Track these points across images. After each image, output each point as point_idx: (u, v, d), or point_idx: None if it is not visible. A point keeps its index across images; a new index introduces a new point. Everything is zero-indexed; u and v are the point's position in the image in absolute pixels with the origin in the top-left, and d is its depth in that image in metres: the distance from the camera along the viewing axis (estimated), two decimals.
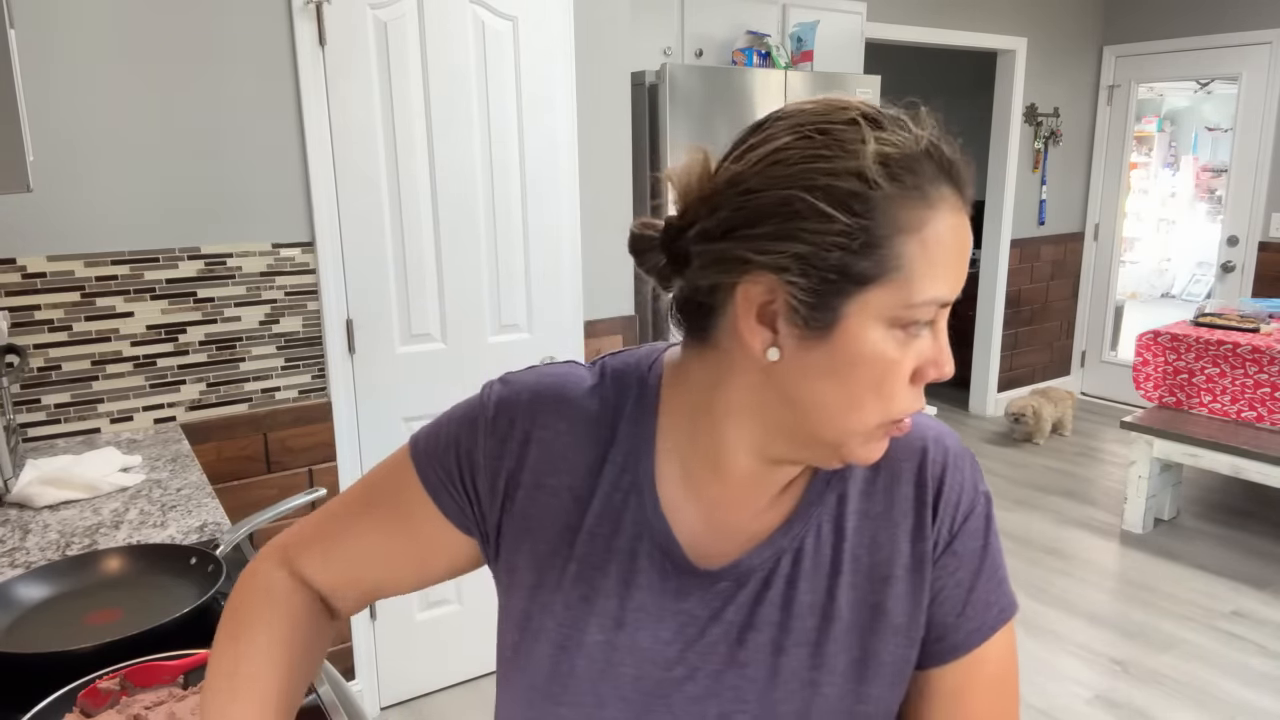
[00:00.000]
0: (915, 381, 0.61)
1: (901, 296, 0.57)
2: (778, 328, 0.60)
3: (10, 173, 1.26)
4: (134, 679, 0.92)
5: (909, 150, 0.57)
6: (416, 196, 2.38)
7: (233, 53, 2.08)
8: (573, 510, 0.69)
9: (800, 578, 0.68)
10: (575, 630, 0.68)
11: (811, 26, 3.44)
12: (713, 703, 0.66)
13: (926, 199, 0.57)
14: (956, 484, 0.70)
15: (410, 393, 2.46)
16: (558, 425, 0.70)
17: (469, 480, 0.71)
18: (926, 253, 0.57)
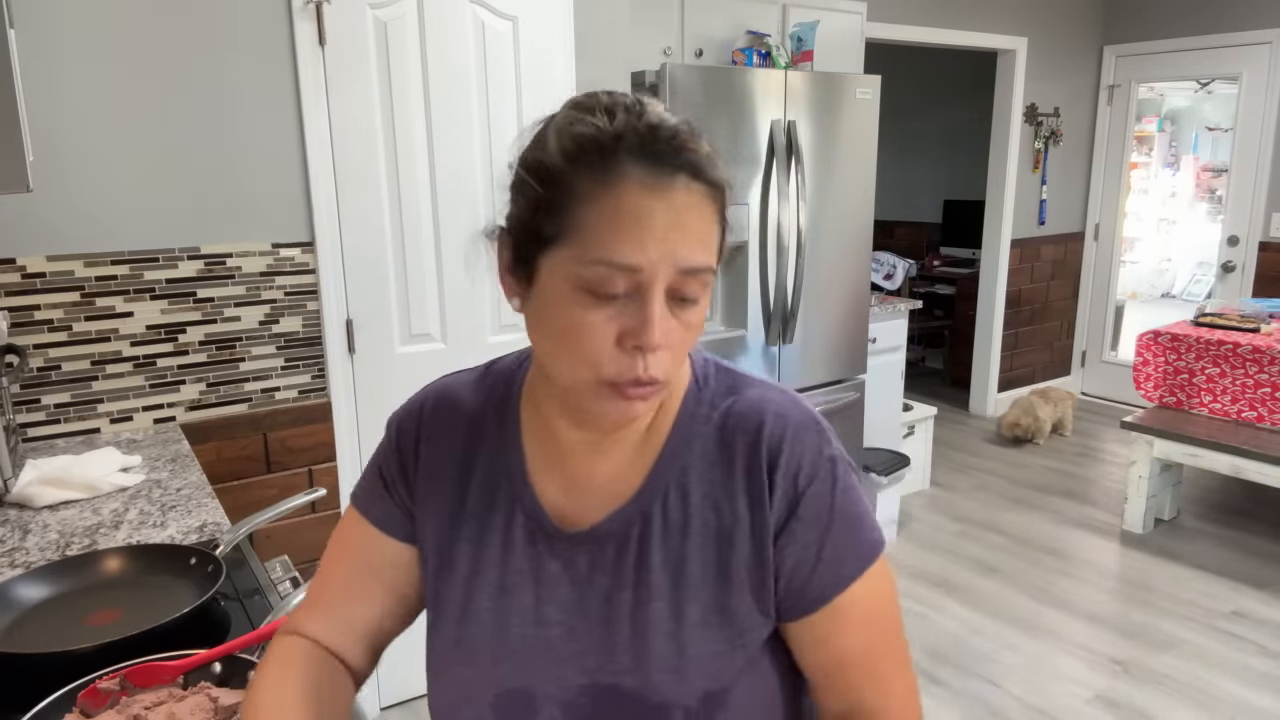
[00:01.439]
0: (621, 346, 0.66)
1: (577, 256, 0.65)
2: (512, 282, 0.71)
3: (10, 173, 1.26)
4: (134, 679, 0.92)
5: (595, 131, 0.66)
6: (416, 196, 2.38)
7: (233, 52, 2.08)
8: (456, 497, 0.79)
9: (651, 539, 0.74)
10: (469, 600, 0.77)
11: (811, 26, 3.43)
12: (591, 656, 0.74)
13: (606, 172, 0.64)
14: (795, 456, 0.74)
15: (410, 393, 2.46)
16: (439, 425, 0.82)
17: (396, 492, 0.82)
18: (603, 219, 0.64)
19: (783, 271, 3.05)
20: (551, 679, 0.74)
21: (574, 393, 0.70)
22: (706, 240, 0.67)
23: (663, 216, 0.64)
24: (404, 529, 0.82)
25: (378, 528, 0.82)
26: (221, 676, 0.94)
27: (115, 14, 1.94)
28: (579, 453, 0.76)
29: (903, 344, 4.05)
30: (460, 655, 0.77)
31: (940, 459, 4.60)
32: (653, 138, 0.66)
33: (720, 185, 0.68)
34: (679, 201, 0.65)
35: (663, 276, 0.65)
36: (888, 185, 6.75)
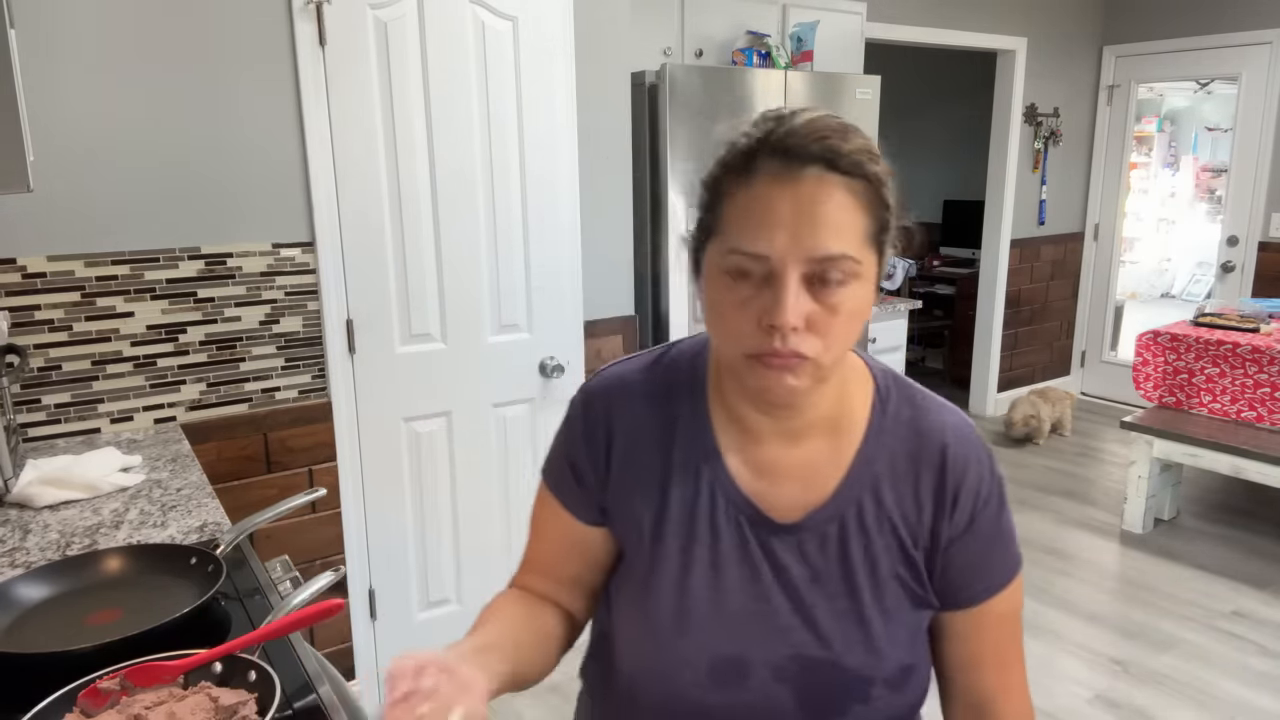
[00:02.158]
0: (760, 325, 0.73)
1: (721, 245, 0.75)
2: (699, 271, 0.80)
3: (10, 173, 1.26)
4: (134, 679, 0.92)
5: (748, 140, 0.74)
6: (416, 196, 2.38)
7: (233, 52, 2.08)
8: (659, 480, 0.86)
9: (849, 538, 0.83)
10: (684, 576, 0.84)
11: (811, 26, 3.44)
12: (796, 632, 0.83)
13: (747, 172, 0.73)
14: (975, 476, 0.84)
15: (410, 393, 2.47)
16: (629, 413, 0.88)
17: (585, 482, 0.89)
18: (738, 211, 0.73)
19: None
20: (763, 647, 0.83)
21: (731, 369, 0.80)
22: (842, 228, 0.72)
23: (790, 206, 0.71)
24: (594, 515, 0.90)
25: (570, 513, 0.91)
26: (222, 676, 0.94)
27: (116, 14, 1.94)
28: (769, 439, 0.84)
29: (903, 344, 4.06)
30: (679, 626, 0.84)
31: None
32: (790, 135, 0.72)
33: (864, 176, 0.73)
34: (807, 192, 0.71)
35: (794, 262, 0.71)
36: None
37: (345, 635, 2.49)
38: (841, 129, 0.74)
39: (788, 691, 0.83)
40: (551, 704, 2.62)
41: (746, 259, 0.72)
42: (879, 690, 0.83)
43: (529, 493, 2.75)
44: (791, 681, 0.83)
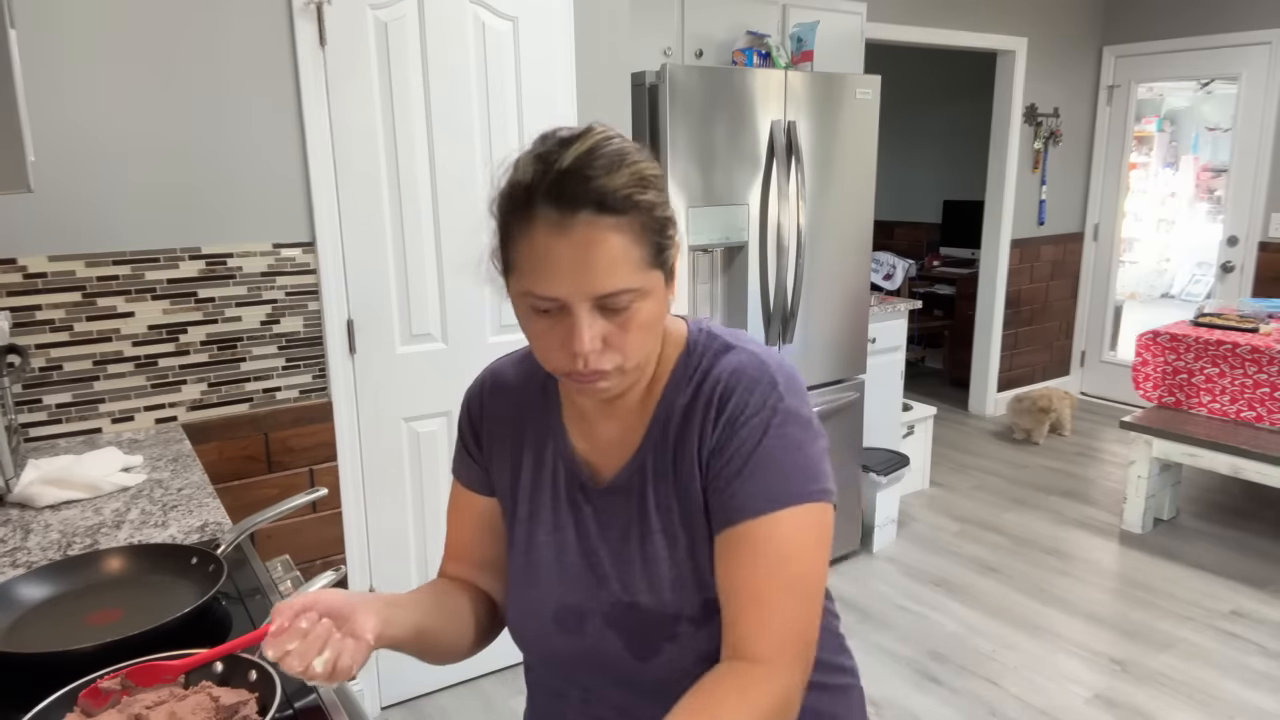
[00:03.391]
0: (565, 350, 0.81)
1: (519, 285, 0.81)
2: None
3: (11, 173, 1.26)
4: (135, 679, 0.92)
5: (516, 179, 0.81)
6: (416, 196, 2.38)
7: (233, 53, 2.08)
8: (515, 454, 0.98)
9: (648, 487, 0.90)
10: (531, 536, 0.96)
11: (811, 26, 3.44)
12: (617, 580, 0.91)
13: (523, 217, 0.79)
14: (741, 403, 0.85)
15: (410, 393, 2.47)
16: (496, 398, 1.01)
17: (475, 456, 1.01)
18: (525, 257, 0.79)
19: (782, 271, 3.05)
20: (594, 597, 0.91)
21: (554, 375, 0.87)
22: (618, 265, 0.77)
23: (568, 253, 0.76)
24: (486, 485, 1.01)
25: (467, 488, 1.02)
26: (223, 676, 0.94)
27: (116, 14, 1.94)
28: (593, 416, 0.94)
29: (902, 344, 4.06)
30: (528, 579, 0.95)
31: (940, 459, 4.60)
32: (560, 182, 0.77)
33: (635, 208, 0.77)
34: (580, 238, 0.76)
35: (580, 299, 0.78)
36: (888, 185, 6.75)
37: None
38: (610, 162, 0.77)
39: (615, 635, 0.90)
40: None
41: (541, 300, 0.79)
42: (684, 627, 0.87)
43: None
44: (616, 626, 0.90)
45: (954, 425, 5.21)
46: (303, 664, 0.74)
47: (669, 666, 0.88)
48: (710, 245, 2.92)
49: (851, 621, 3.07)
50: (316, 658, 0.74)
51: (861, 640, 2.95)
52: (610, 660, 0.91)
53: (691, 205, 2.82)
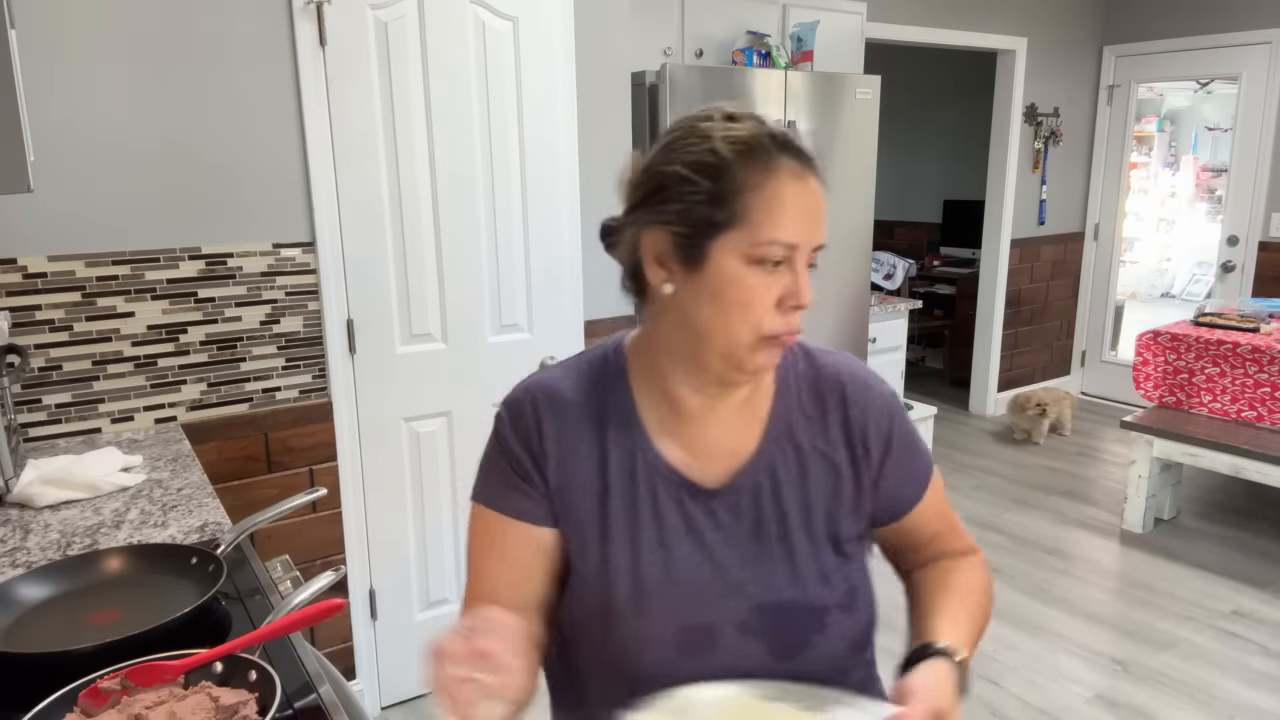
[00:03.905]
0: (781, 308, 0.82)
1: (749, 237, 0.79)
2: (669, 268, 0.84)
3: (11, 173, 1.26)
4: (135, 679, 0.92)
5: (751, 133, 0.81)
6: (416, 196, 2.38)
7: (233, 53, 2.08)
8: (597, 474, 0.90)
9: (780, 485, 0.91)
10: (635, 560, 0.89)
11: (811, 26, 3.44)
12: (751, 584, 0.89)
13: (765, 165, 0.80)
14: (877, 405, 0.96)
15: (410, 393, 2.47)
16: (557, 415, 0.92)
17: (533, 483, 0.91)
18: (766, 204, 0.79)
19: None
20: (724, 608, 0.88)
21: (728, 354, 0.84)
22: (825, 222, 0.84)
23: (807, 201, 0.81)
24: (547, 516, 0.91)
25: (520, 520, 0.91)
26: (222, 676, 0.94)
27: (116, 14, 1.94)
28: (697, 418, 0.91)
29: (903, 344, 4.06)
30: (637, 608, 0.88)
31: (940, 458, 4.60)
32: (789, 138, 0.82)
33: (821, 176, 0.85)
34: (814, 189, 0.82)
35: (805, 250, 0.82)
36: (888, 185, 6.75)
37: (345, 635, 2.49)
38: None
39: (754, 642, 0.88)
40: None
41: (779, 248, 0.79)
42: (833, 616, 0.90)
43: None
44: (756, 632, 0.88)
45: (954, 425, 5.21)
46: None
47: (816, 658, 0.89)
48: None
49: None
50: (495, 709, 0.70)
51: None
52: (748, 668, 0.88)
53: None
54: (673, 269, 0.83)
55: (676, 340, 0.87)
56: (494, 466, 0.93)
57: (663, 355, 0.90)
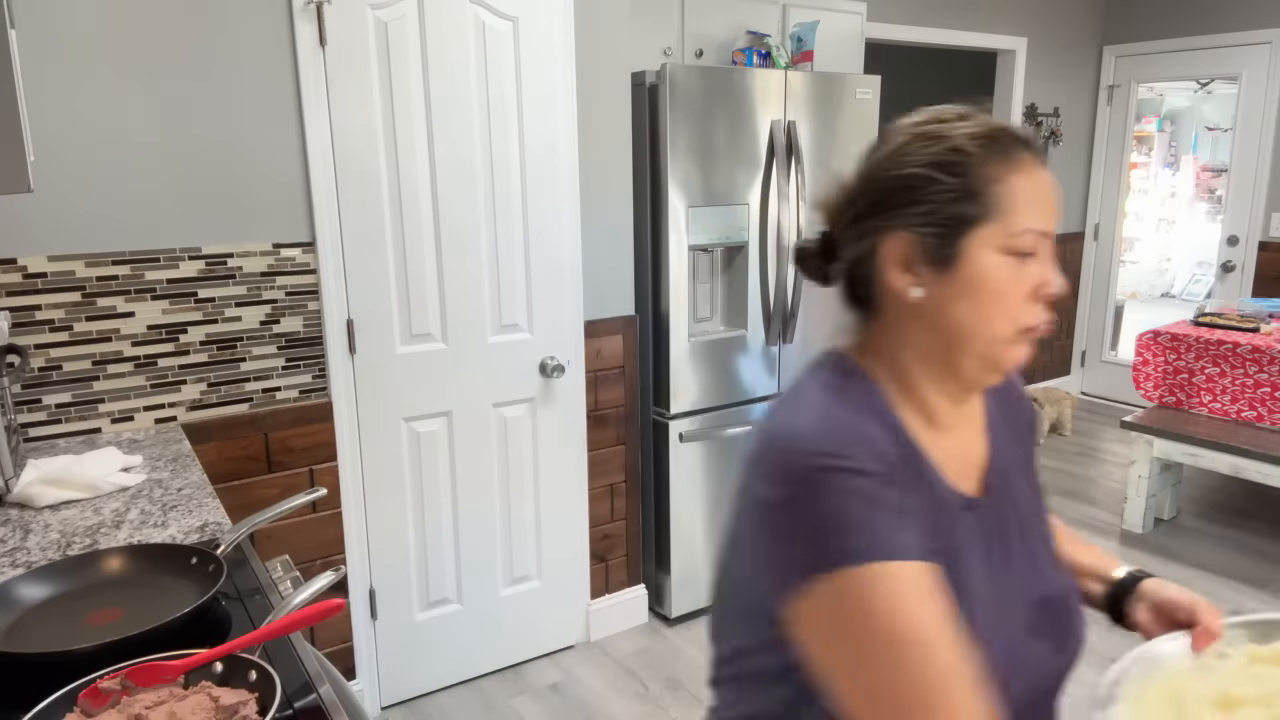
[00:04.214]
0: (1034, 299, 0.81)
1: (1004, 228, 0.79)
2: (916, 272, 0.82)
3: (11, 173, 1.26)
4: (135, 679, 0.92)
5: (990, 128, 0.81)
6: (416, 196, 2.38)
7: (233, 53, 2.08)
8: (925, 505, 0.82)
9: (1010, 482, 0.92)
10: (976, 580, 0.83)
11: (811, 26, 3.44)
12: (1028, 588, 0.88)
13: (1007, 157, 0.80)
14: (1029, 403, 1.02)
15: (410, 393, 2.47)
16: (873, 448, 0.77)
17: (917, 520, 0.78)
18: (1016, 195, 0.79)
19: (782, 272, 3.05)
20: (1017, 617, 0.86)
21: (987, 352, 0.82)
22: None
23: (1048, 189, 0.82)
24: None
25: (928, 560, 0.75)
26: (223, 676, 0.94)
27: (116, 14, 1.94)
28: (955, 427, 0.89)
29: None
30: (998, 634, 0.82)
31: None
32: (1023, 130, 0.83)
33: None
34: (1050, 178, 0.83)
35: (1051, 237, 0.82)
36: None
37: (346, 635, 2.49)
38: None
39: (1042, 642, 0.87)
40: (552, 704, 2.63)
41: (1032, 237, 0.80)
42: (1077, 597, 0.95)
43: (529, 493, 2.76)
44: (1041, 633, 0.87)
45: None
46: None
47: (1079, 646, 0.91)
48: (710, 245, 2.92)
49: None
50: None
51: None
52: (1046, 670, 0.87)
53: (691, 205, 2.82)
54: (920, 272, 0.82)
55: (927, 347, 0.84)
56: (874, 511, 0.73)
57: (914, 366, 0.85)
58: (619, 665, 2.83)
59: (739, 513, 0.82)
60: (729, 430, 3.04)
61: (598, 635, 2.98)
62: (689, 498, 3.01)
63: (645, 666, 2.82)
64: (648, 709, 2.60)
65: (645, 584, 3.12)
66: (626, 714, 2.57)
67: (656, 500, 3.03)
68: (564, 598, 2.89)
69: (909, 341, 0.85)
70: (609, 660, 2.86)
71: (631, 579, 3.05)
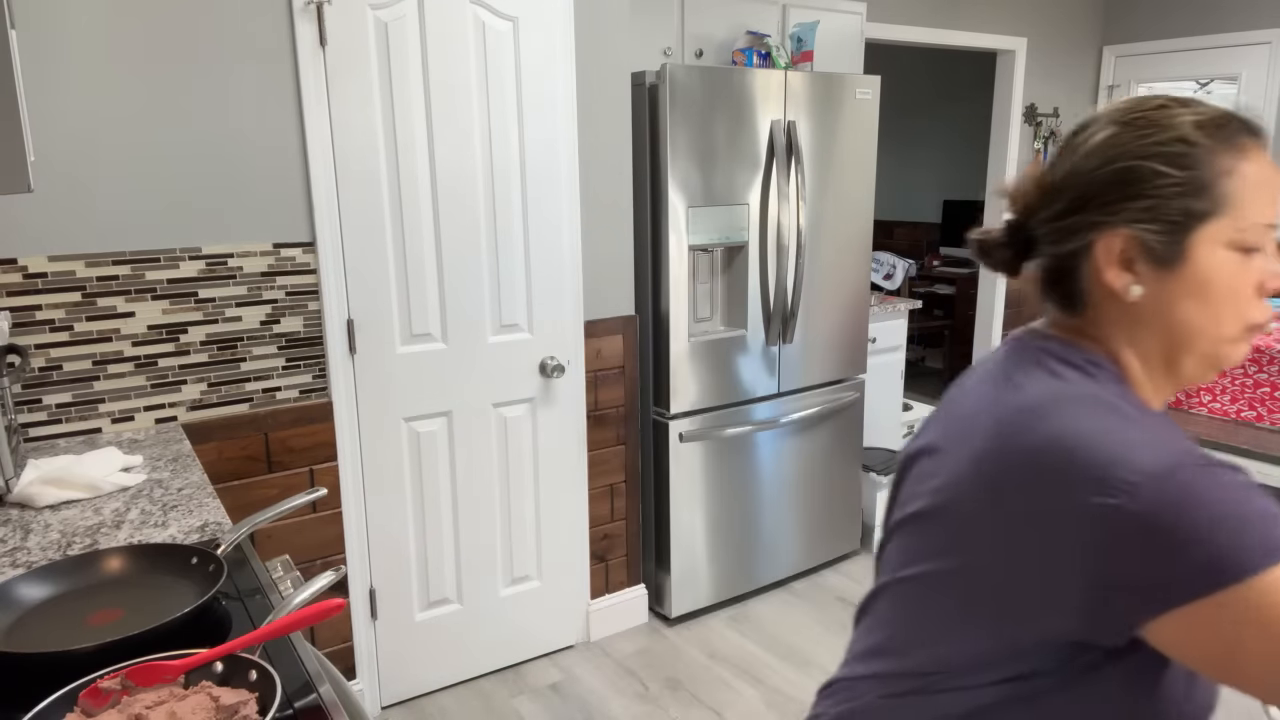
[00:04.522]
0: (1260, 294, 0.77)
1: (1232, 223, 0.75)
2: (1136, 270, 0.77)
3: (11, 173, 1.26)
4: (135, 678, 0.92)
5: (1214, 115, 0.77)
6: (416, 196, 2.38)
7: (233, 53, 2.08)
8: None
9: None
10: None
11: (811, 26, 3.44)
12: None
13: (1236, 146, 0.76)
14: None
15: (410, 393, 2.47)
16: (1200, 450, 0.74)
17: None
18: (1245, 187, 0.75)
19: (782, 271, 3.05)
20: None
21: (1212, 352, 0.79)
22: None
23: (1277, 178, 0.78)
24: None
25: None
26: (223, 676, 0.94)
27: (116, 14, 1.94)
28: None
29: (902, 344, 4.06)
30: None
31: None
32: (1247, 115, 0.79)
33: None
34: (1275, 165, 0.78)
35: (1275, 229, 0.77)
36: (888, 185, 6.75)
37: (346, 635, 2.49)
38: None
39: None
40: (552, 704, 2.63)
41: (1261, 230, 0.76)
42: None
43: (529, 493, 2.76)
44: None
45: None
46: None
47: None
48: (710, 245, 2.92)
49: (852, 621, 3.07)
50: None
51: None
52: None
53: (691, 205, 2.82)
54: (1140, 271, 0.77)
55: (1147, 346, 0.80)
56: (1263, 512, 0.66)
57: (1134, 364, 0.81)
58: (619, 665, 2.83)
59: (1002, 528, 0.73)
60: (729, 430, 3.04)
61: (598, 635, 2.98)
62: (689, 498, 3.01)
63: (645, 666, 2.82)
64: (647, 709, 2.60)
65: (645, 584, 3.12)
66: (626, 714, 2.58)
67: (656, 500, 3.04)
68: (564, 597, 2.89)
69: (1129, 339, 0.80)
70: (609, 660, 2.86)
71: (631, 579, 3.05)
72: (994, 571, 0.74)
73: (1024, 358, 0.82)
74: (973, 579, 0.76)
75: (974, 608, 0.77)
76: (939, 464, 0.83)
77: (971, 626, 0.77)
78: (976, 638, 0.77)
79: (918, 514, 0.83)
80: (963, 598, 0.77)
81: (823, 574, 3.45)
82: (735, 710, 2.59)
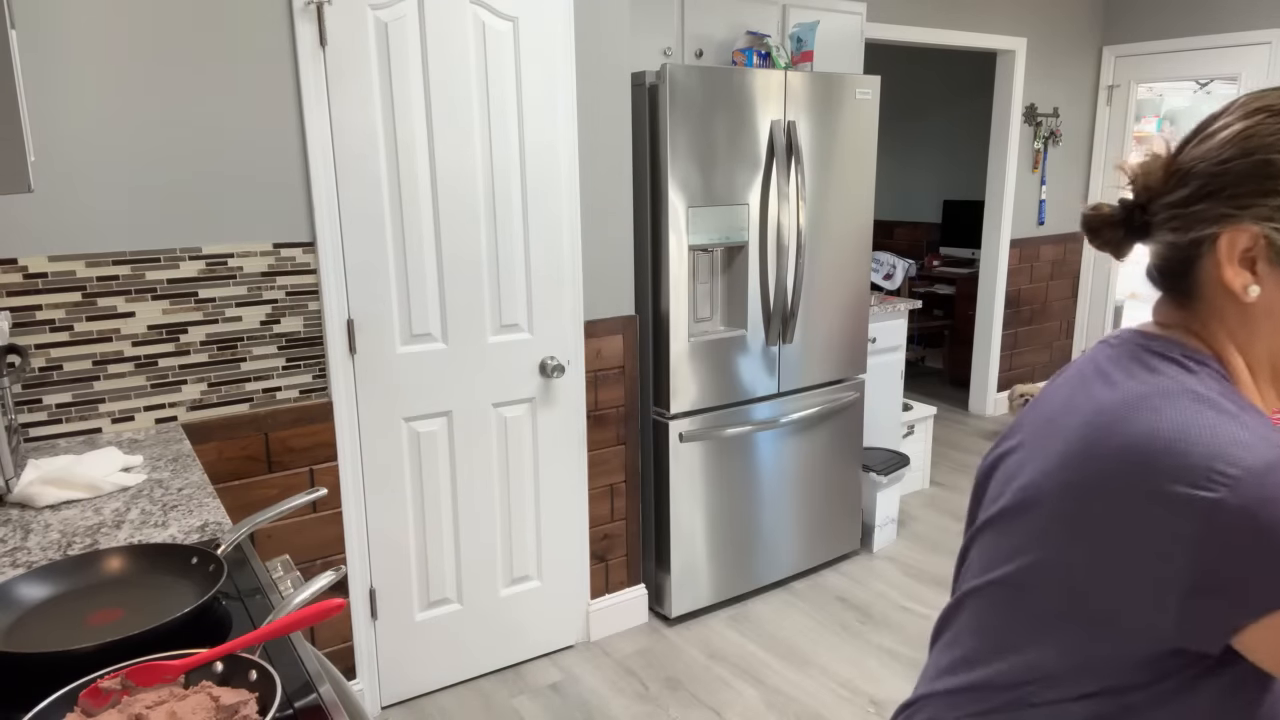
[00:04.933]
0: None
1: None
2: (1256, 270, 0.73)
3: (11, 173, 1.26)
4: (135, 678, 0.92)
5: None
6: (416, 196, 2.38)
7: (233, 53, 2.08)
8: None
9: None
10: None
11: (811, 27, 3.44)
12: None
13: None
14: None
15: (410, 393, 2.47)
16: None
17: None
18: None
19: (783, 271, 3.05)
20: None
21: None
22: None
23: None
24: None
25: None
26: (223, 676, 0.95)
27: (116, 14, 1.94)
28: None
29: (902, 344, 4.06)
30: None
31: (940, 458, 4.60)
32: None
33: None
34: None
35: None
36: (888, 185, 6.75)
37: (346, 635, 2.49)
38: None
39: None
40: (552, 704, 2.63)
41: None
42: None
43: (529, 492, 2.76)
44: None
45: (954, 425, 5.21)
46: None
47: None
48: (710, 245, 2.92)
49: (852, 621, 3.07)
50: None
51: (861, 640, 2.95)
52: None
53: (691, 205, 2.82)
54: (1261, 271, 0.73)
55: (1255, 352, 0.77)
56: None
57: (1242, 368, 0.78)
58: (619, 665, 2.83)
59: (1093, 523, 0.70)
60: (729, 430, 3.04)
61: (598, 635, 2.98)
62: (689, 498, 3.01)
63: (645, 666, 2.82)
64: (647, 709, 2.60)
65: (645, 584, 3.12)
66: (626, 714, 2.58)
67: (656, 500, 3.04)
68: (564, 597, 2.89)
69: (1237, 341, 0.77)
70: (609, 660, 2.86)
71: (631, 579, 3.05)
72: (1085, 567, 0.71)
73: (1123, 353, 0.79)
74: (1063, 575, 0.73)
75: (1063, 607, 0.73)
76: (1024, 462, 0.80)
77: (1061, 628, 0.74)
78: (1066, 642, 0.74)
79: (1003, 511, 0.80)
80: (1052, 596, 0.74)
81: (823, 574, 3.45)
82: (735, 710, 2.59)
